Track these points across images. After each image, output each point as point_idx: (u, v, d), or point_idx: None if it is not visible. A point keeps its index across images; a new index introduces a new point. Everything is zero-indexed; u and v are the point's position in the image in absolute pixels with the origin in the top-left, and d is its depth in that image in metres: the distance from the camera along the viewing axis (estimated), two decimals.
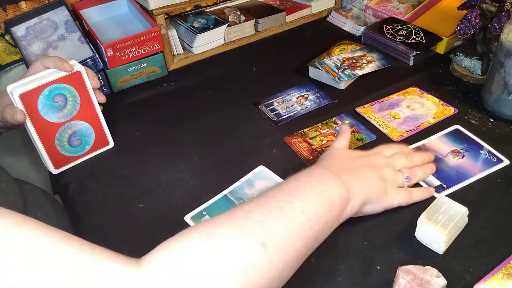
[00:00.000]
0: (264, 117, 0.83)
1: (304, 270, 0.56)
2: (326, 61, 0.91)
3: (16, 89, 0.63)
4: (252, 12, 1.07)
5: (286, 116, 0.82)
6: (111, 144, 0.78)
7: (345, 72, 0.88)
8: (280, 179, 0.69)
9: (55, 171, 0.73)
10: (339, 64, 0.90)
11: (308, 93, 0.88)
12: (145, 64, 0.92)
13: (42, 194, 0.78)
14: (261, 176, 0.70)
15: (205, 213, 0.65)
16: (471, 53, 0.88)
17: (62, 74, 0.66)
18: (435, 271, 0.52)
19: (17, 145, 1.01)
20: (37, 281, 0.34)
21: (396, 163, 0.63)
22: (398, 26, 1.00)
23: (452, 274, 0.54)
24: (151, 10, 0.90)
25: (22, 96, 0.63)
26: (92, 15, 0.99)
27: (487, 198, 0.64)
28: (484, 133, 0.75)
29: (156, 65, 0.94)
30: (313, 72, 0.92)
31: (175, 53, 0.99)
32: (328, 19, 1.14)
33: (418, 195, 0.63)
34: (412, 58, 0.93)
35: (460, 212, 0.57)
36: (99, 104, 0.74)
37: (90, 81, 0.71)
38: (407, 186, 0.63)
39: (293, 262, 0.47)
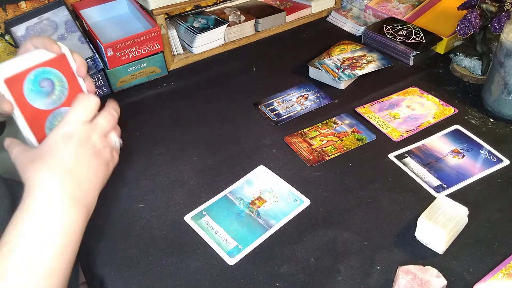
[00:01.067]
0: (264, 117, 0.83)
1: (304, 270, 0.57)
2: (326, 61, 0.91)
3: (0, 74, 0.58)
4: (252, 12, 1.07)
5: (286, 116, 0.82)
6: None
7: (345, 72, 0.88)
8: (280, 179, 0.69)
9: None
10: (339, 64, 0.90)
11: (308, 93, 0.88)
12: (145, 64, 0.92)
13: None
14: (261, 176, 0.70)
15: (205, 213, 0.65)
16: (471, 53, 0.88)
17: (47, 57, 0.64)
18: (435, 271, 0.52)
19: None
20: None
21: (104, 129, 0.58)
22: (398, 26, 1.00)
23: (452, 274, 0.54)
24: (151, 10, 0.90)
25: (7, 81, 0.60)
26: (92, 15, 0.99)
27: (487, 198, 0.64)
28: (484, 133, 0.75)
29: (156, 65, 0.94)
30: (313, 72, 0.92)
31: (175, 53, 0.99)
32: (328, 19, 1.14)
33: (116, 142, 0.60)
34: (412, 58, 0.93)
35: (460, 212, 0.57)
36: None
37: (77, 70, 0.65)
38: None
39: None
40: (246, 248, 0.60)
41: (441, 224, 0.56)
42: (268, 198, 0.66)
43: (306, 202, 0.65)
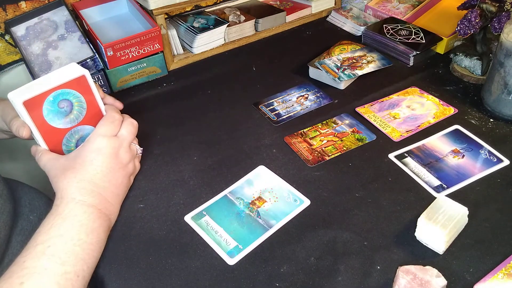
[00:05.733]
0: (264, 117, 0.83)
1: (304, 270, 0.57)
2: (326, 61, 0.91)
3: (18, 96, 0.60)
4: (252, 12, 1.07)
5: (286, 116, 0.82)
6: None
7: (345, 72, 0.88)
8: (280, 179, 0.69)
9: None
10: (339, 64, 0.90)
11: (308, 93, 0.88)
12: (145, 64, 0.92)
13: (37, 196, 0.76)
14: (261, 176, 0.70)
15: (205, 213, 0.65)
16: (471, 53, 0.88)
17: (66, 79, 0.65)
18: (435, 271, 0.52)
19: (17, 144, 1.01)
20: None
21: (128, 141, 0.65)
22: (398, 26, 1.00)
23: (452, 274, 0.54)
24: (151, 10, 0.90)
25: (26, 104, 0.61)
26: (92, 15, 0.99)
27: (487, 198, 0.64)
28: (484, 133, 0.75)
29: (156, 65, 0.94)
30: (313, 72, 0.92)
31: (175, 53, 0.99)
32: (328, 19, 1.14)
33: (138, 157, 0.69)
34: (412, 58, 0.93)
35: (460, 212, 0.57)
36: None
37: (116, 104, 0.71)
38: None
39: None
40: (246, 248, 0.60)
41: (441, 224, 0.56)
42: (268, 198, 0.66)
43: (306, 202, 0.65)
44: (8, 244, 0.64)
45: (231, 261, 0.58)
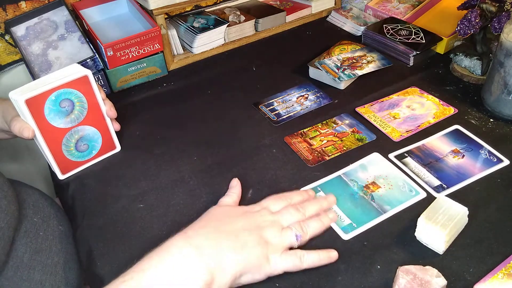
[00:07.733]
0: (264, 117, 0.83)
1: (304, 270, 0.56)
2: (326, 61, 0.91)
3: (21, 95, 0.61)
4: (252, 12, 1.07)
5: (286, 116, 0.82)
6: (118, 148, 0.77)
7: (345, 72, 0.88)
8: (395, 168, 0.69)
9: (62, 176, 0.72)
10: (339, 64, 0.90)
11: (308, 93, 0.88)
12: (145, 64, 0.92)
13: (41, 197, 0.76)
14: (375, 163, 0.70)
15: (320, 189, 0.66)
16: (471, 53, 0.88)
17: (69, 79, 0.65)
18: (435, 271, 0.52)
19: (18, 144, 1.01)
20: None
21: (283, 220, 0.56)
22: (398, 26, 1.00)
23: (452, 274, 0.54)
24: (151, 10, 0.90)
25: (28, 102, 0.62)
26: (92, 15, 0.99)
27: (487, 198, 0.64)
28: (484, 133, 0.75)
29: (156, 65, 0.94)
30: (313, 72, 0.92)
31: (175, 53, 0.99)
32: (328, 19, 1.14)
33: (310, 259, 0.54)
34: (412, 58, 0.93)
35: (460, 212, 0.57)
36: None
37: (107, 112, 0.71)
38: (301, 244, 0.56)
39: None
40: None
41: (441, 224, 0.56)
42: (383, 184, 0.67)
43: (422, 194, 0.65)
44: (12, 246, 0.64)
45: None
